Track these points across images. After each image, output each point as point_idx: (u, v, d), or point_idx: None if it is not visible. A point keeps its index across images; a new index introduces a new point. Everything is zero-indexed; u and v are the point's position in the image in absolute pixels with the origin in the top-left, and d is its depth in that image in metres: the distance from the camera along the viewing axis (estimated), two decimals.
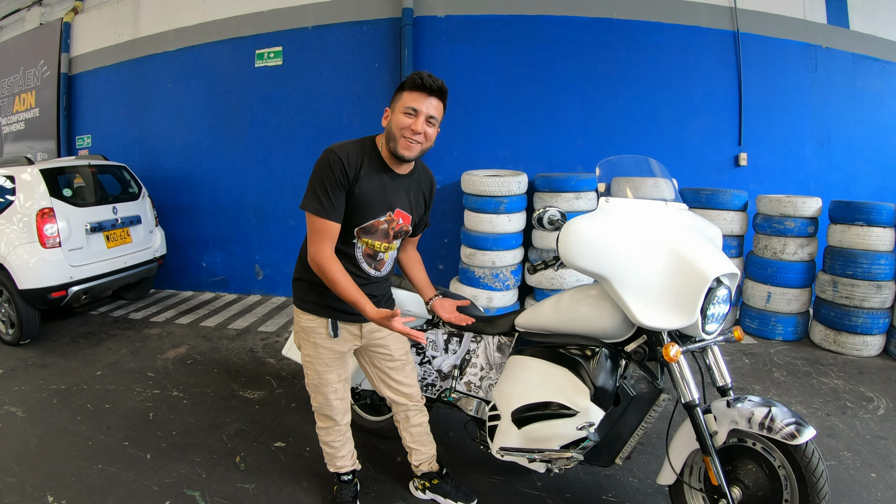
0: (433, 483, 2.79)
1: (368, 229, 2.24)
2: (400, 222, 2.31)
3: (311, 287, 2.34)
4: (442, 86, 2.10)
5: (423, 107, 2.09)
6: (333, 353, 2.41)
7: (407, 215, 2.33)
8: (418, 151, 2.17)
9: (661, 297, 2.05)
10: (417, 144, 2.13)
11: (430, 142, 2.18)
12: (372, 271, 2.34)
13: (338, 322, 2.36)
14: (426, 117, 2.10)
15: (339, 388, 2.51)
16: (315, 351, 2.40)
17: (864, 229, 4.72)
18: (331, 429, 2.60)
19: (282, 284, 7.13)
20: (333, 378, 2.46)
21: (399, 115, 2.10)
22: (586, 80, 6.18)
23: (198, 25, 7.23)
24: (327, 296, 2.31)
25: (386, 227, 2.27)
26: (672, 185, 2.47)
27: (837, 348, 4.87)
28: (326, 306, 2.34)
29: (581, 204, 5.34)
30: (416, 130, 2.09)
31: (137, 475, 3.09)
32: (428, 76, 2.07)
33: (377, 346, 2.53)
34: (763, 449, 2.09)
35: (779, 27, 5.96)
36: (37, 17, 8.78)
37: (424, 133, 2.12)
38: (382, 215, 2.24)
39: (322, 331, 2.37)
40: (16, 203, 5.36)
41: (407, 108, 2.09)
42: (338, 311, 2.34)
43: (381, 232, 2.27)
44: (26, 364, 4.82)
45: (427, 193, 2.44)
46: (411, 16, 6.25)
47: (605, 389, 2.23)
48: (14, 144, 9.06)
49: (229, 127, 7.17)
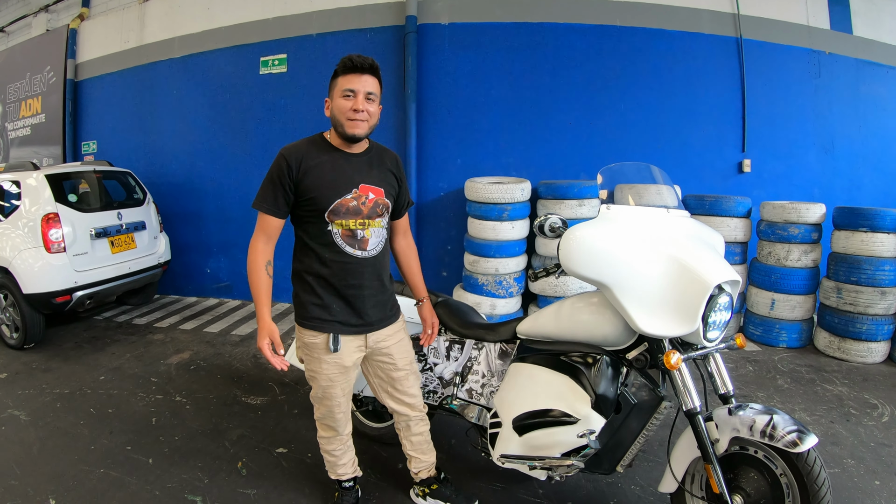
0: (433, 489, 2.79)
1: (337, 210, 2.24)
2: (371, 197, 2.31)
3: (310, 302, 2.34)
4: (373, 63, 2.17)
5: (359, 86, 2.15)
6: (338, 367, 2.38)
7: (377, 188, 2.33)
8: (366, 128, 2.23)
9: (663, 305, 2.05)
10: (363, 122, 2.20)
11: (374, 118, 2.25)
12: (357, 252, 2.30)
13: (339, 336, 2.34)
14: (364, 95, 2.16)
15: (343, 402, 2.50)
16: (319, 367, 2.38)
17: (868, 235, 4.71)
18: (332, 438, 2.61)
19: (285, 291, 7.03)
20: (338, 393, 2.44)
21: (339, 101, 2.18)
22: (589, 87, 6.18)
23: (203, 33, 7.27)
24: (329, 309, 2.32)
25: (356, 203, 2.27)
26: (674, 192, 2.47)
27: (842, 355, 4.85)
28: (329, 321, 2.33)
29: (584, 211, 5.34)
30: (357, 109, 2.15)
31: (139, 480, 3.09)
32: (357, 56, 2.15)
33: (381, 356, 2.51)
34: (765, 457, 2.08)
35: (782, 33, 5.95)
36: (43, 23, 8.84)
37: (367, 110, 2.18)
38: (348, 193, 2.25)
39: (324, 347, 2.35)
40: (21, 208, 5.40)
41: (344, 90, 2.16)
42: (341, 323, 2.34)
43: (351, 210, 2.26)
44: (30, 368, 4.84)
45: (393, 169, 2.46)
46: (415, 23, 6.27)
47: (606, 397, 2.22)
48: (20, 150, 9.12)
49: (234, 133, 7.19)
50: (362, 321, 2.37)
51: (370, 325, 2.40)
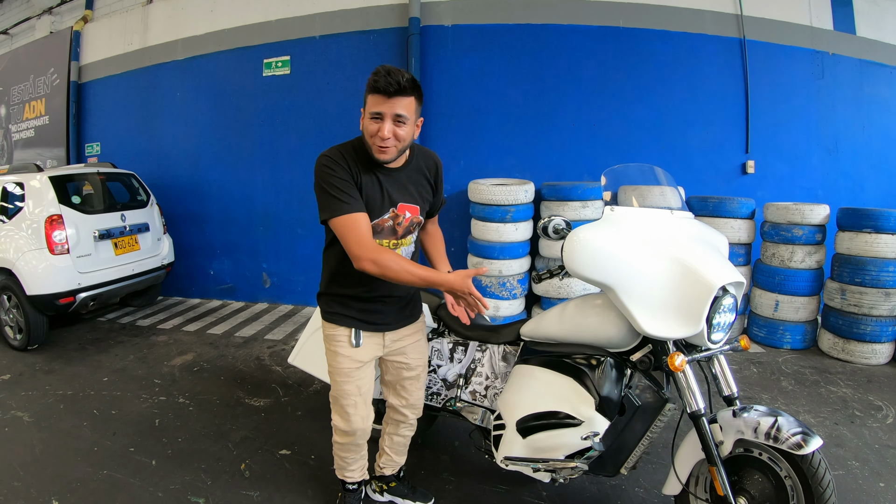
0: (391, 486, 2.84)
1: (374, 229, 2.15)
2: (408, 216, 2.24)
3: (333, 298, 2.33)
4: (401, 84, 1.94)
5: (387, 109, 1.97)
6: (353, 362, 2.34)
7: (414, 207, 2.25)
8: (394, 153, 2.07)
9: (667, 307, 2.04)
10: (391, 148, 2.04)
11: (404, 141, 2.06)
12: None
13: (360, 332, 2.32)
14: (393, 120, 1.99)
15: (359, 403, 2.40)
16: (334, 360, 2.36)
17: (872, 236, 4.70)
18: (347, 444, 2.54)
19: (289, 293, 7.14)
20: (352, 390, 2.37)
21: (367, 121, 2.02)
22: (593, 88, 6.18)
23: (206, 35, 7.29)
24: (350, 306, 2.31)
25: (391, 223, 2.21)
26: (678, 194, 2.46)
27: (846, 356, 4.83)
28: (349, 316, 2.31)
29: (588, 213, 5.33)
30: (383, 136, 1.99)
31: (142, 481, 3.09)
32: (385, 75, 1.93)
33: (397, 355, 2.50)
34: (769, 459, 2.07)
35: (785, 34, 5.94)
36: (47, 25, 8.87)
37: (394, 135, 2.01)
38: (385, 213, 2.18)
39: (343, 339, 2.32)
40: (25, 209, 5.41)
41: (371, 113, 1.99)
42: (361, 321, 2.32)
43: (386, 230, 2.21)
44: (33, 369, 4.85)
45: (431, 177, 2.34)
46: (418, 25, 6.28)
47: (610, 399, 2.22)
48: (24, 151, 9.14)
49: (237, 135, 7.21)
50: (378, 321, 2.36)
51: (387, 325, 2.39)
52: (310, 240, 6.87)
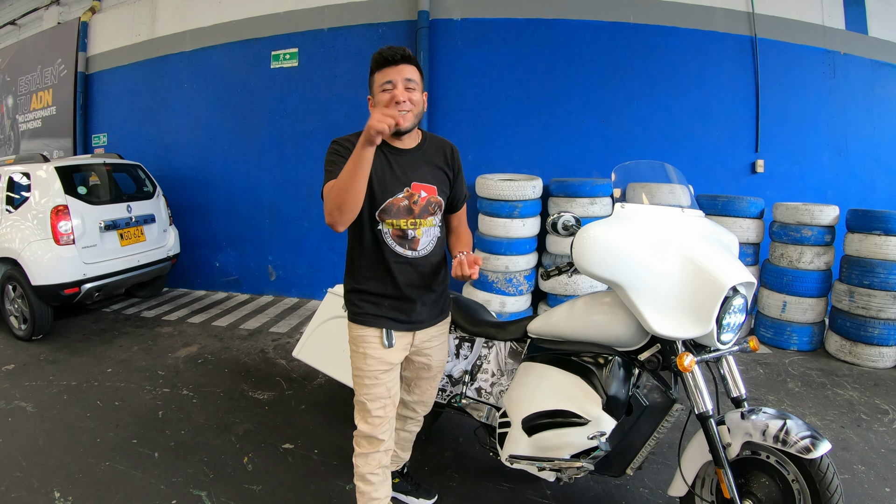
0: (394, 482, 2.79)
1: (388, 210, 2.14)
2: (424, 195, 2.19)
3: (362, 298, 2.24)
4: (405, 52, 2.09)
5: (396, 75, 2.06)
6: (384, 364, 2.23)
7: (430, 187, 2.21)
8: (412, 119, 2.12)
9: (676, 306, 2.02)
10: (408, 112, 2.07)
11: (419, 107, 2.13)
12: (408, 252, 2.20)
13: (392, 331, 2.23)
14: (403, 84, 2.06)
15: (388, 405, 2.28)
16: (364, 362, 2.23)
17: (881, 238, 4.66)
18: (371, 456, 2.29)
19: (294, 285, 7.14)
20: (382, 392, 2.25)
21: (379, 95, 2.09)
22: (602, 84, 6.14)
23: (214, 26, 7.27)
24: (381, 305, 2.22)
25: (407, 202, 2.16)
26: (688, 192, 2.43)
27: (853, 359, 4.80)
28: (382, 316, 2.22)
29: (596, 209, 5.30)
30: (399, 99, 2.04)
31: (145, 473, 3.09)
32: (387, 49, 2.08)
33: (421, 356, 2.41)
34: (777, 462, 2.05)
35: (797, 33, 5.89)
36: (55, 16, 8.86)
37: (409, 99, 2.07)
38: (400, 192, 2.15)
39: (374, 340, 2.22)
40: (31, 200, 5.42)
41: (382, 84, 2.08)
42: (393, 320, 2.23)
43: (402, 209, 2.15)
44: (38, 360, 4.86)
45: (446, 162, 2.32)
46: (427, 18, 6.25)
47: (617, 398, 2.20)
48: (31, 142, 9.16)
49: (244, 127, 7.20)
50: (410, 319, 2.27)
51: (420, 323, 2.30)
52: (315, 233, 6.85)
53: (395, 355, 2.27)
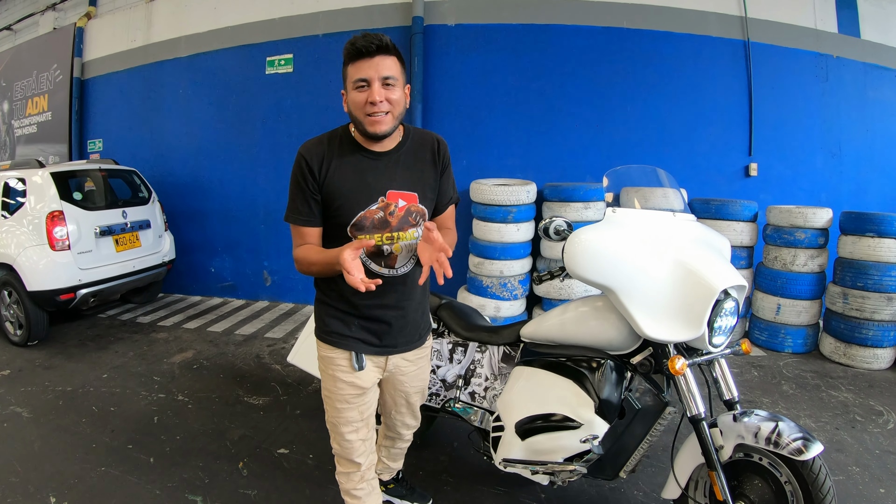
0: (389, 487, 2.80)
1: (361, 224, 1.91)
2: (402, 204, 1.95)
3: (330, 314, 2.07)
4: (381, 42, 1.78)
5: (372, 72, 1.78)
6: (354, 388, 2.07)
7: (410, 194, 1.97)
8: (391, 122, 1.85)
9: (668, 310, 2.03)
10: (385, 114, 1.82)
11: (400, 105, 1.86)
12: (383, 269, 1.98)
13: (362, 354, 2.05)
14: (380, 82, 1.79)
15: (361, 428, 2.15)
16: (333, 385, 2.08)
17: (875, 240, 4.68)
18: (352, 474, 2.21)
19: (290, 291, 7.14)
20: (354, 416, 2.11)
21: (353, 94, 1.82)
22: (596, 89, 6.17)
23: (209, 32, 7.29)
24: (350, 325, 2.04)
25: (382, 215, 1.93)
26: (680, 196, 2.45)
27: (847, 361, 4.82)
28: (350, 336, 2.04)
29: (590, 214, 5.32)
30: (374, 101, 1.78)
31: (140, 479, 3.09)
32: (362, 38, 1.79)
33: (396, 381, 2.26)
34: (769, 464, 2.06)
35: (789, 36, 5.93)
36: (50, 21, 8.87)
37: (387, 99, 1.81)
38: (373, 203, 1.91)
39: (343, 363, 2.05)
40: (26, 205, 5.41)
41: (356, 81, 1.80)
42: (362, 342, 2.05)
43: (377, 222, 1.92)
44: (33, 365, 4.85)
45: (431, 160, 2.07)
46: (421, 24, 6.27)
47: (609, 402, 2.21)
48: (26, 147, 9.16)
49: (239, 133, 7.21)
50: (382, 343, 2.08)
51: (392, 347, 2.12)
52: None
53: (366, 378, 2.10)
